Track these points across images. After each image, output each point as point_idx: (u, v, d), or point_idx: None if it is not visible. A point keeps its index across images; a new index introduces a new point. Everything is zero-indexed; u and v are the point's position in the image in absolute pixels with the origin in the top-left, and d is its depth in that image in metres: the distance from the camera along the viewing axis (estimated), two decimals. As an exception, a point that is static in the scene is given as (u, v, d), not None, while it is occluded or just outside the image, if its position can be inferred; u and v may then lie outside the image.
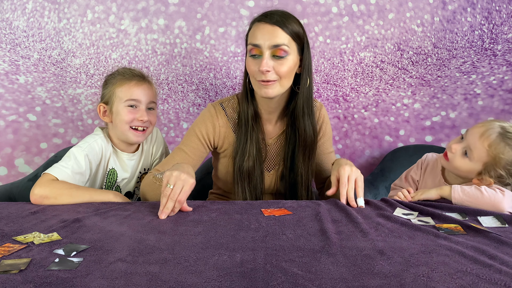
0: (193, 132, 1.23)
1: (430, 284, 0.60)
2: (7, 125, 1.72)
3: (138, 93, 1.25)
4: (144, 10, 1.70)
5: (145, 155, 1.38)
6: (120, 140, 1.30)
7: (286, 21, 1.08)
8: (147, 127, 1.28)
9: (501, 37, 1.73)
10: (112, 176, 1.32)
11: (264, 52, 1.07)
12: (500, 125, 1.09)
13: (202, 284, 0.60)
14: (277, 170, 1.27)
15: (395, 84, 1.80)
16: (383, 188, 1.70)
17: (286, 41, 1.07)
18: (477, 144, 1.09)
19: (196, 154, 1.22)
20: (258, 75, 1.09)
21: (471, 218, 0.95)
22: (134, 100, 1.25)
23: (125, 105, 1.25)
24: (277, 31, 1.06)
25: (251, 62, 1.10)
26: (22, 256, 0.71)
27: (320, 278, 0.62)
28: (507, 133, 1.07)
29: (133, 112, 1.25)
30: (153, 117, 1.29)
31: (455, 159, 1.14)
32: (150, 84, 1.31)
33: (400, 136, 1.84)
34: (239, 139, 1.20)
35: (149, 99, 1.27)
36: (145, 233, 0.83)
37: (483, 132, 1.09)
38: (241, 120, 1.20)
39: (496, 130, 1.08)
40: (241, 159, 1.18)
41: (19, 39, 1.68)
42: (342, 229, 0.86)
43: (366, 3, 1.73)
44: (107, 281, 0.61)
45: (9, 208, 1.02)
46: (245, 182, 1.19)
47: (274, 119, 1.25)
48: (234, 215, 0.96)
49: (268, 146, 1.26)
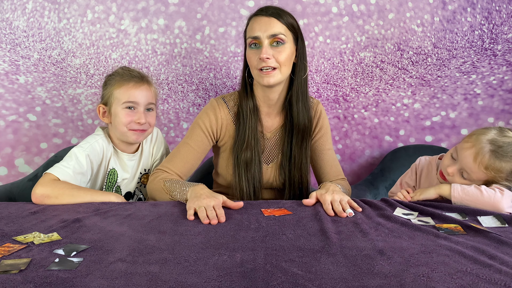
0: (196, 125, 1.26)
1: (430, 284, 0.60)
2: (7, 125, 1.72)
3: (136, 95, 1.24)
4: (144, 10, 1.70)
5: (145, 156, 1.38)
6: (120, 140, 1.30)
7: (281, 13, 1.15)
8: (146, 128, 1.28)
9: (501, 37, 1.73)
10: (113, 176, 1.32)
11: (263, 41, 1.13)
12: (489, 139, 1.06)
13: (202, 284, 0.60)
14: (276, 163, 1.29)
15: (395, 84, 1.80)
16: (383, 188, 1.70)
17: (282, 30, 1.14)
18: (473, 168, 1.07)
19: (200, 147, 1.25)
20: (259, 63, 1.14)
21: (471, 218, 0.95)
22: (132, 102, 1.24)
23: (123, 107, 1.24)
24: (274, 21, 1.13)
25: (251, 53, 1.16)
26: (22, 256, 0.71)
27: (320, 278, 0.62)
28: (499, 148, 1.05)
29: (131, 115, 1.24)
30: (151, 118, 1.29)
31: (454, 180, 1.12)
32: (149, 85, 1.29)
33: (400, 136, 1.84)
34: (238, 130, 1.24)
35: (147, 101, 1.27)
36: (145, 233, 0.83)
37: (476, 155, 1.06)
38: (241, 112, 1.24)
39: (487, 148, 1.05)
40: (240, 148, 1.22)
41: (19, 39, 1.68)
42: (342, 229, 0.86)
43: (366, 3, 1.73)
44: (107, 281, 0.61)
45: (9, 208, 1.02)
46: (243, 171, 1.22)
47: (273, 113, 1.28)
48: (234, 215, 0.96)
49: (267, 140, 1.29)
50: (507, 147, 1.05)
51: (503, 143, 1.05)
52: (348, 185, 1.29)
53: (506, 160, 1.05)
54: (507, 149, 1.05)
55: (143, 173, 1.39)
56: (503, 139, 1.06)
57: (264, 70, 1.14)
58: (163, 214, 0.97)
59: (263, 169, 1.27)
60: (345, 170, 1.87)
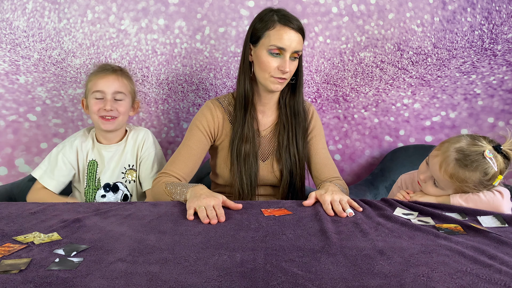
0: (194, 126, 1.29)
1: (430, 284, 0.60)
2: (7, 125, 1.72)
3: (102, 85, 1.34)
4: (144, 10, 1.70)
5: (128, 152, 1.43)
6: (99, 130, 1.42)
7: (303, 27, 1.20)
8: (116, 116, 1.36)
9: (501, 37, 1.73)
10: (93, 166, 1.42)
11: (286, 54, 1.17)
12: (457, 147, 1.02)
13: (202, 284, 0.60)
14: (271, 159, 1.32)
15: (395, 84, 1.80)
16: (383, 188, 1.70)
17: (302, 47, 1.20)
18: (440, 177, 1.04)
19: (199, 147, 1.27)
20: (276, 72, 1.19)
21: (470, 218, 0.95)
22: (99, 91, 1.35)
23: (92, 97, 1.35)
24: (300, 39, 1.19)
25: (272, 60, 1.18)
26: (22, 256, 0.71)
27: (320, 278, 0.62)
28: (465, 157, 1.00)
29: (99, 103, 1.35)
30: (121, 107, 1.36)
31: (427, 188, 1.10)
32: (118, 76, 1.38)
33: (400, 136, 1.84)
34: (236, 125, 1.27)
35: (114, 90, 1.35)
36: (145, 233, 0.83)
37: (441, 164, 1.03)
38: (238, 109, 1.27)
39: (452, 157, 1.02)
40: (238, 142, 1.25)
41: (19, 39, 1.68)
42: (342, 229, 0.86)
43: (366, 3, 1.73)
44: (107, 281, 0.61)
45: (9, 208, 1.02)
46: (242, 164, 1.25)
47: (268, 111, 1.32)
48: (234, 215, 0.96)
49: (262, 137, 1.32)
50: (473, 156, 1.00)
51: (470, 152, 1.00)
52: (345, 184, 1.30)
53: (470, 169, 1.00)
54: (472, 158, 1.00)
55: (127, 169, 1.43)
56: (471, 148, 1.01)
57: (279, 78, 1.19)
58: (163, 214, 0.97)
59: (259, 165, 1.29)
60: (345, 170, 1.87)
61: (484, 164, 1.00)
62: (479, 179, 1.01)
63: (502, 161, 1.01)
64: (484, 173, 1.00)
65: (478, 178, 1.00)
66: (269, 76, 1.20)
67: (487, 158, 0.99)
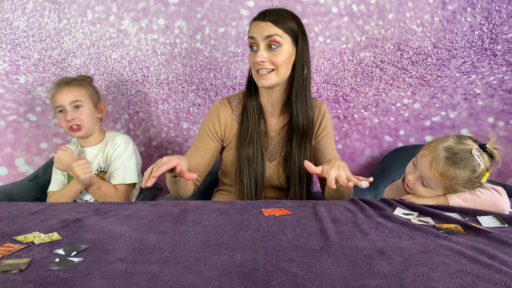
0: (202, 129, 1.31)
1: (430, 284, 0.60)
2: (7, 125, 1.72)
3: (59, 99, 1.41)
4: (144, 10, 1.70)
5: (104, 155, 1.50)
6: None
7: (278, 18, 1.16)
8: (79, 124, 1.42)
9: (501, 37, 1.73)
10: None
11: (259, 44, 1.16)
12: (445, 146, 1.05)
13: (202, 284, 0.60)
14: (278, 161, 1.31)
15: (395, 84, 1.80)
16: (383, 188, 1.70)
17: (279, 32, 1.15)
18: (430, 176, 1.05)
19: (208, 150, 1.29)
20: (256, 65, 1.18)
21: (470, 218, 0.95)
22: (58, 106, 1.42)
23: (57, 113, 1.44)
24: (269, 25, 1.15)
25: (251, 55, 1.20)
26: (22, 256, 0.71)
27: (320, 278, 0.62)
28: (454, 155, 1.03)
29: (63, 117, 1.43)
30: (80, 114, 1.42)
31: (416, 189, 1.11)
32: (72, 86, 1.43)
33: (400, 136, 1.84)
34: (242, 126, 1.27)
35: (70, 100, 1.41)
36: (145, 233, 0.83)
37: (431, 162, 1.05)
38: (245, 110, 1.27)
39: (442, 155, 1.03)
40: (242, 144, 1.25)
41: (19, 39, 1.68)
42: (342, 229, 0.86)
43: (366, 3, 1.73)
44: (107, 281, 0.61)
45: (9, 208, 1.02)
46: (246, 166, 1.24)
47: (277, 113, 1.30)
48: (234, 215, 0.96)
49: (271, 138, 1.31)
50: (462, 154, 1.02)
51: (459, 150, 1.03)
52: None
53: (460, 167, 1.02)
54: (461, 156, 1.02)
55: (99, 171, 1.49)
56: (459, 146, 1.03)
57: (260, 72, 1.17)
58: (163, 214, 0.97)
59: (266, 165, 1.28)
60: (345, 170, 1.87)
61: (473, 161, 1.02)
62: (468, 177, 1.03)
63: (487, 159, 1.04)
64: (472, 171, 1.02)
65: (467, 175, 1.03)
66: (254, 72, 1.20)
67: (475, 156, 1.02)
